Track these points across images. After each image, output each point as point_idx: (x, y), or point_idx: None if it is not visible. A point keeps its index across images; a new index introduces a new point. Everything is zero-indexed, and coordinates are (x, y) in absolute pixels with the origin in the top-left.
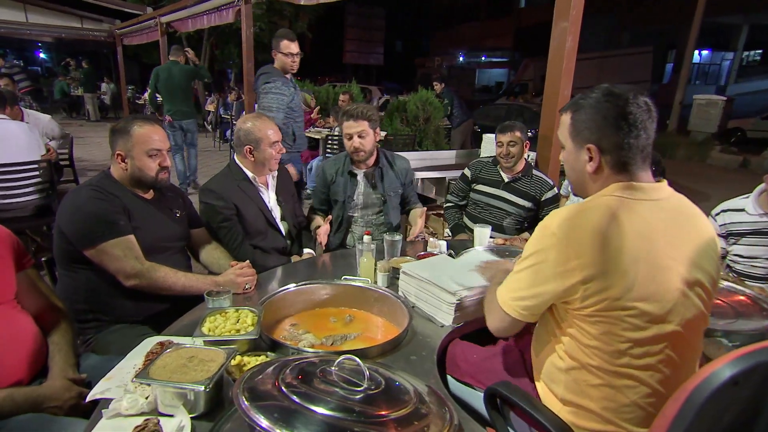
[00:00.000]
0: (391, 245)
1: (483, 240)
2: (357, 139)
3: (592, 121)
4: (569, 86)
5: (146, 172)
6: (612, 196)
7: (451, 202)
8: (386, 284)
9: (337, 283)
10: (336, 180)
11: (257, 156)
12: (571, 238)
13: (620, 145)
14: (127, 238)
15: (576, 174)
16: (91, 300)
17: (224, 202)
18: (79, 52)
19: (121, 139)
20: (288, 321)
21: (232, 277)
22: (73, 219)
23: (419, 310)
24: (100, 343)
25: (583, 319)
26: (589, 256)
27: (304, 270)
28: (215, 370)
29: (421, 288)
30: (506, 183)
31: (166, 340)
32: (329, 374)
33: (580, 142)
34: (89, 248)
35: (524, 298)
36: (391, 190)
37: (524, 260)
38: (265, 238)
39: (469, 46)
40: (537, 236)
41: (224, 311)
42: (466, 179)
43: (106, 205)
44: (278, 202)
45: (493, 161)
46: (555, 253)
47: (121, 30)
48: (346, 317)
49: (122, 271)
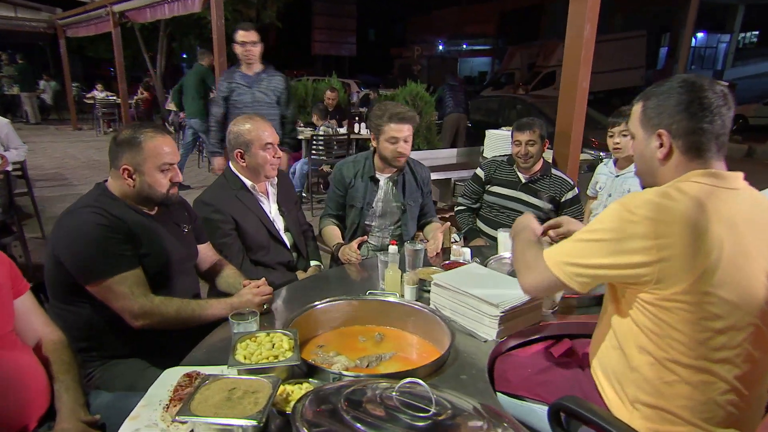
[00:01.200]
0: (414, 255)
1: (508, 245)
2: (403, 144)
3: (663, 107)
4: (588, 77)
5: (157, 188)
6: (693, 182)
7: (463, 205)
8: (415, 298)
9: (363, 299)
10: (355, 184)
11: (249, 161)
12: (651, 217)
13: (693, 130)
14: (134, 272)
15: (645, 163)
16: (92, 336)
17: (222, 216)
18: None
19: (128, 152)
20: (314, 343)
21: (249, 297)
22: (74, 249)
23: (456, 324)
24: (102, 377)
25: (656, 305)
26: (672, 236)
27: (317, 286)
28: (264, 402)
29: (457, 300)
30: (524, 184)
31: (193, 372)
32: (389, 399)
33: (651, 129)
34: (92, 284)
35: (584, 266)
36: (412, 199)
37: (590, 232)
38: (268, 253)
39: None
40: (612, 213)
41: (254, 336)
42: (479, 180)
43: (111, 233)
44: (280, 211)
45: (509, 160)
46: (633, 229)
47: (63, 20)
48: (375, 336)
49: (129, 311)
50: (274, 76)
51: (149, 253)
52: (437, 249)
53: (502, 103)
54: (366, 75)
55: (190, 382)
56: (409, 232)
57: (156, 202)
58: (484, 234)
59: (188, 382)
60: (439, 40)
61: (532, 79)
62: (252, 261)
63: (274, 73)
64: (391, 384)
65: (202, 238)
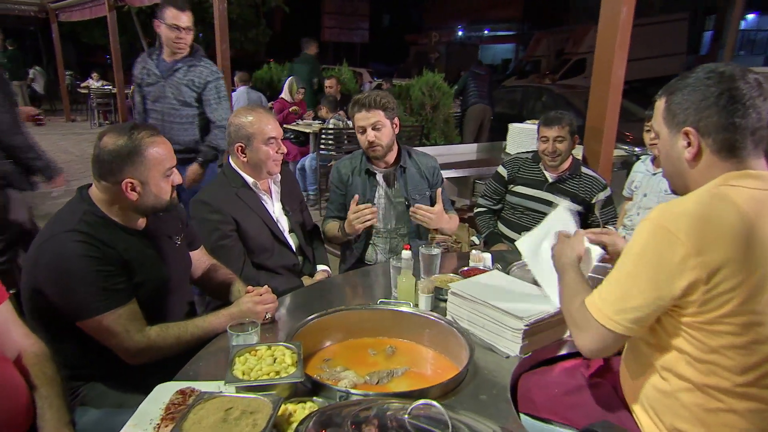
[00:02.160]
0: (429, 260)
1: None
2: (371, 132)
3: (689, 102)
4: (623, 65)
5: (162, 197)
6: (733, 186)
7: (484, 206)
8: (430, 307)
9: (374, 309)
10: (353, 181)
11: (250, 156)
12: (689, 232)
13: (723, 126)
14: (127, 307)
15: (672, 165)
16: (80, 360)
17: (221, 216)
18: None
19: (130, 164)
20: (320, 356)
21: (251, 306)
22: (61, 284)
23: (475, 337)
24: (90, 393)
25: (700, 329)
26: (714, 251)
27: (325, 294)
28: (263, 424)
29: (477, 311)
30: (551, 183)
31: (187, 388)
32: (401, 423)
33: (676, 127)
34: (83, 321)
35: (632, 309)
36: (416, 192)
37: (625, 264)
38: (272, 256)
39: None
40: (643, 233)
41: (254, 349)
42: (501, 179)
43: (101, 265)
44: (285, 211)
45: (534, 158)
46: (670, 250)
47: (55, 3)
48: (387, 349)
49: (124, 351)
50: (195, 66)
51: (144, 281)
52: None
53: (526, 93)
54: (379, 63)
55: (183, 400)
56: (420, 230)
57: (159, 211)
58: (506, 238)
59: (182, 400)
60: (459, 26)
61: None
62: (254, 264)
63: (197, 62)
64: (403, 405)
65: (195, 243)
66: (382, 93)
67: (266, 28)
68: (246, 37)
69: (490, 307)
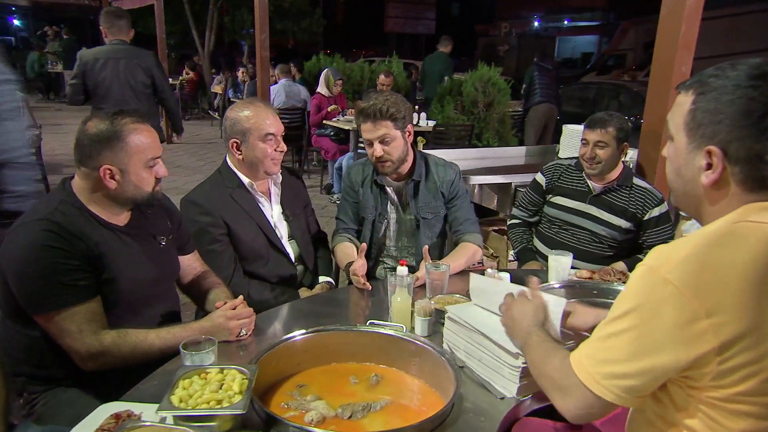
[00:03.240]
0: (435, 278)
1: (562, 272)
2: (378, 147)
3: (722, 114)
4: (688, 62)
5: (143, 188)
6: (748, 223)
7: (518, 217)
8: (427, 332)
9: (361, 330)
10: (363, 191)
11: (245, 153)
12: (698, 285)
13: (760, 155)
14: (86, 306)
15: (681, 181)
16: (41, 361)
17: (211, 218)
18: (60, 18)
19: (108, 149)
20: (294, 380)
21: (221, 321)
22: (19, 273)
23: (470, 371)
24: (46, 408)
25: (715, 406)
26: (729, 311)
27: (318, 309)
28: None
29: (474, 342)
30: (595, 195)
31: (124, 411)
32: None
33: (699, 140)
34: (37, 314)
35: (625, 375)
36: (428, 211)
37: (619, 318)
38: (266, 264)
39: (548, 6)
40: (638, 284)
41: (205, 371)
42: (538, 188)
43: (62, 258)
44: (284, 216)
45: (577, 165)
46: (672, 308)
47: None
48: (371, 377)
49: (76, 353)
50: None
51: (113, 278)
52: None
53: (600, 91)
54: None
55: (115, 425)
56: None
57: (139, 203)
58: (541, 255)
59: (113, 425)
60: (536, 15)
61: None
62: (247, 272)
63: None
64: None
65: (187, 247)
66: (391, 99)
67: (321, 18)
68: (299, 26)
69: (484, 338)
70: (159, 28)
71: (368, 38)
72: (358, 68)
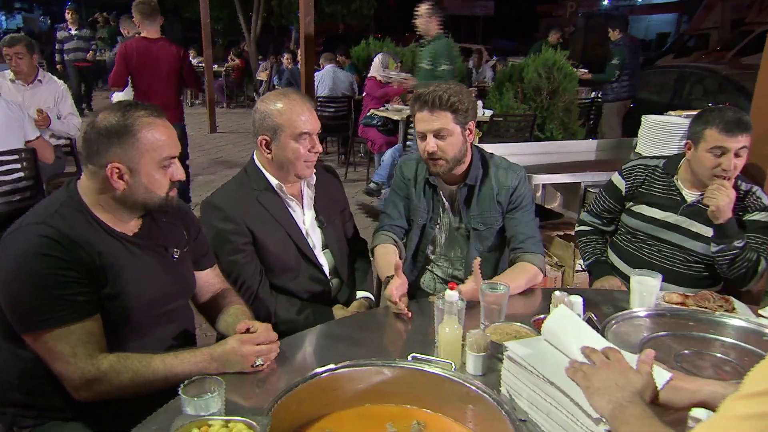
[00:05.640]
0: (493, 303)
1: (648, 297)
2: (432, 141)
3: None
4: None
5: (155, 191)
6: None
7: (588, 224)
8: (481, 371)
9: (402, 366)
10: (416, 189)
11: (276, 152)
12: None
13: None
14: (83, 325)
15: None
16: (33, 387)
17: (234, 225)
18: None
19: (117, 145)
20: (319, 426)
21: (235, 346)
22: (8, 283)
23: (533, 426)
24: None
25: None
26: None
27: (351, 334)
28: None
29: (540, 389)
30: (690, 205)
31: None
32: None
33: None
34: (26, 333)
35: None
36: (480, 221)
37: (762, 397)
38: (296, 278)
39: None
40: None
41: (206, 423)
42: (616, 193)
43: (59, 269)
44: (318, 222)
45: (666, 167)
46: None
47: None
48: (413, 425)
49: (68, 380)
50: None
51: (117, 294)
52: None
53: (683, 75)
54: (504, 40)
55: None
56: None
57: (150, 209)
58: (617, 272)
59: None
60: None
61: (735, 42)
62: (274, 287)
63: None
64: None
65: (205, 261)
66: (455, 88)
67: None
68: (348, 9)
69: (555, 389)
70: (203, 13)
71: None
72: (409, 52)
